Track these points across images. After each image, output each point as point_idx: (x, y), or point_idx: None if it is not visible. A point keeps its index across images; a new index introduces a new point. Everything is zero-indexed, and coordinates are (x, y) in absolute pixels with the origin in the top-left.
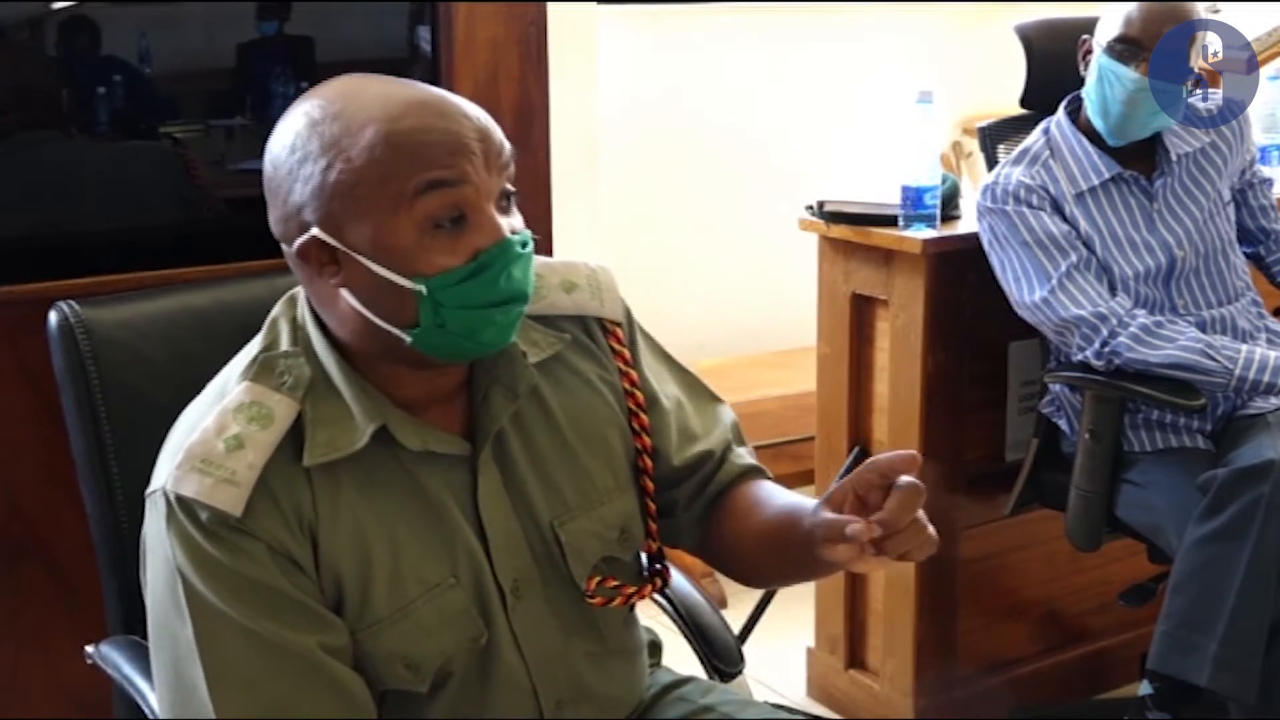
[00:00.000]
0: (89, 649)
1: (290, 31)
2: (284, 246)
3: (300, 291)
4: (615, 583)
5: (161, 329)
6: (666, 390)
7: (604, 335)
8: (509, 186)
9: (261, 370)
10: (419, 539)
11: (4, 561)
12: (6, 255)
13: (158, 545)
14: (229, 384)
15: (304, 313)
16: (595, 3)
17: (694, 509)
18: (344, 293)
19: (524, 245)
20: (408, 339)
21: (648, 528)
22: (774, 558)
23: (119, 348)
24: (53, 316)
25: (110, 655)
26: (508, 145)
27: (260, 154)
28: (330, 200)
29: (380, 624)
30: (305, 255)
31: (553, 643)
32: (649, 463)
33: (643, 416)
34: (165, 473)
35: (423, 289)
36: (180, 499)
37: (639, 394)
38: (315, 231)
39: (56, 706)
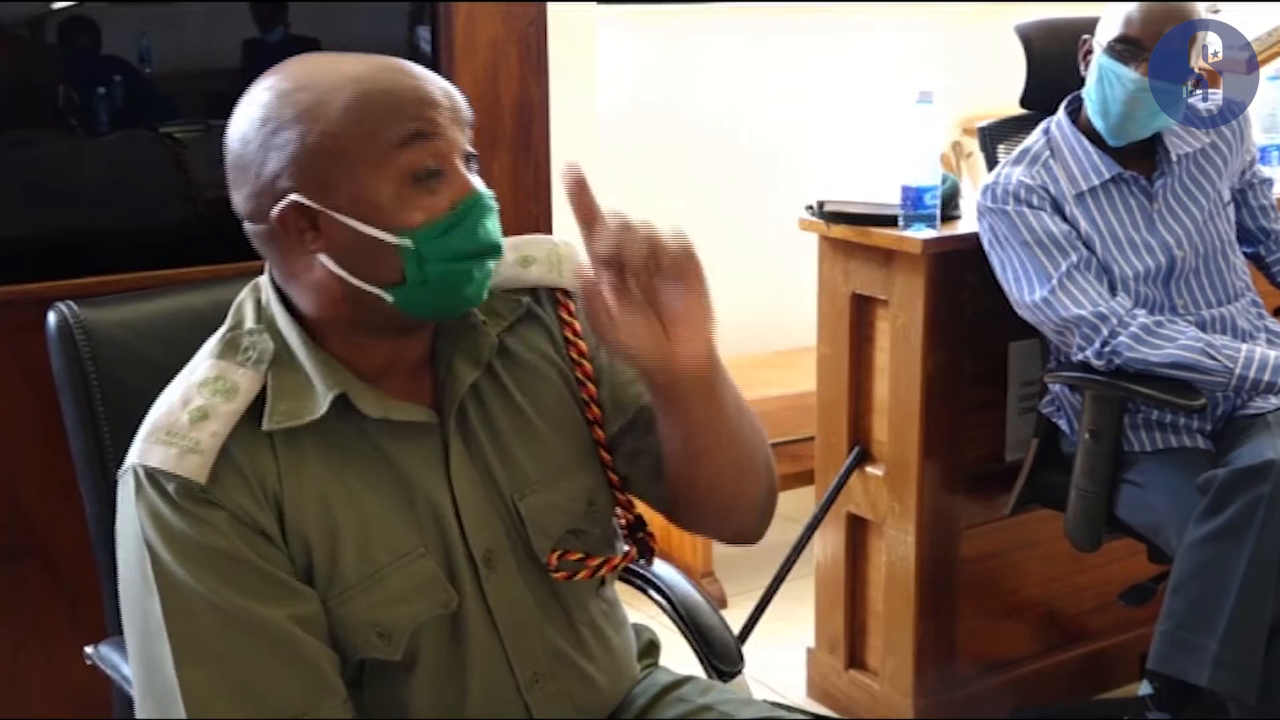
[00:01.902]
0: (89, 649)
1: (291, 32)
2: (251, 225)
3: (263, 279)
4: (578, 555)
5: (161, 329)
6: None
7: (554, 306)
8: (471, 149)
9: (226, 347)
10: (387, 508)
11: (4, 561)
12: (6, 255)
13: (127, 521)
14: (197, 365)
15: (268, 294)
16: (595, 3)
17: (639, 464)
18: (322, 259)
19: (491, 199)
20: (389, 298)
21: (614, 497)
22: (675, 445)
23: (118, 348)
24: (51, 317)
25: (110, 655)
26: (468, 108)
27: None
28: (310, 163)
29: (350, 590)
30: (284, 223)
31: (526, 615)
32: (601, 434)
33: (590, 387)
34: (134, 449)
35: (408, 242)
36: (146, 470)
37: (587, 364)
38: (295, 196)
39: (56, 706)
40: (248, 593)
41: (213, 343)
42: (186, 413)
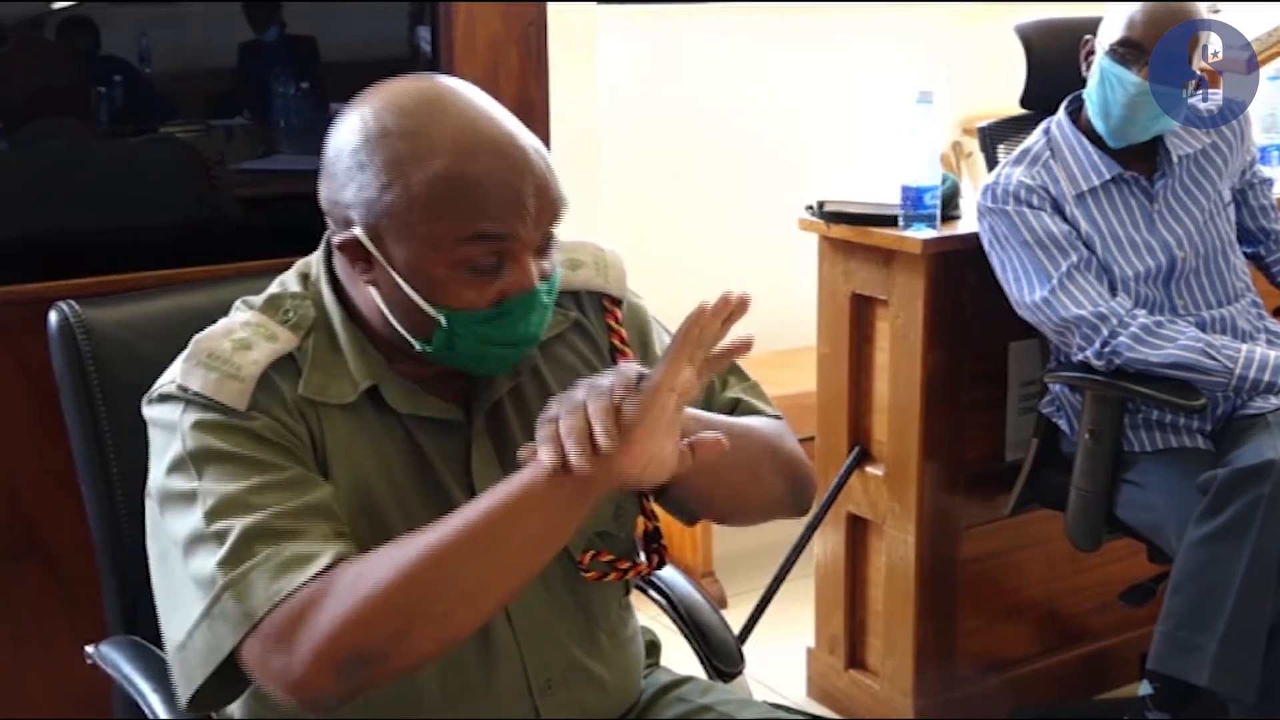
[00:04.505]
0: (89, 649)
1: (291, 31)
2: (328, 218)
3: (315, 256)
4: (609, 557)
5: (161, 329)
6: None
7: (602, 313)
8: (554, 232)
9: (268, 304)
10: (412, 488)
11: (4, 561)
12: (6, 255)
13: (162, 437)
14: (237, 314)
15: (319, 270)
16: (595, 3)
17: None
18: (371, 290)
19: (549, 293)
20: (417, 346)
21: (642, 505)
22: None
23: (119, 347)
24: (53, 316)
25: (110, 655)
26: (563, 198)
27: (262, 154)
28: (379, 215)
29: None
30: (344, 248)
31: (545, 620)
32: None
33: None
34: (173, 370)
35: (443, 320)
36: (185, 390)
37: None
38: (358, 233)
39: (56, 706)
40: (279, 487)
41: (253, 298)
42: (229, 340)
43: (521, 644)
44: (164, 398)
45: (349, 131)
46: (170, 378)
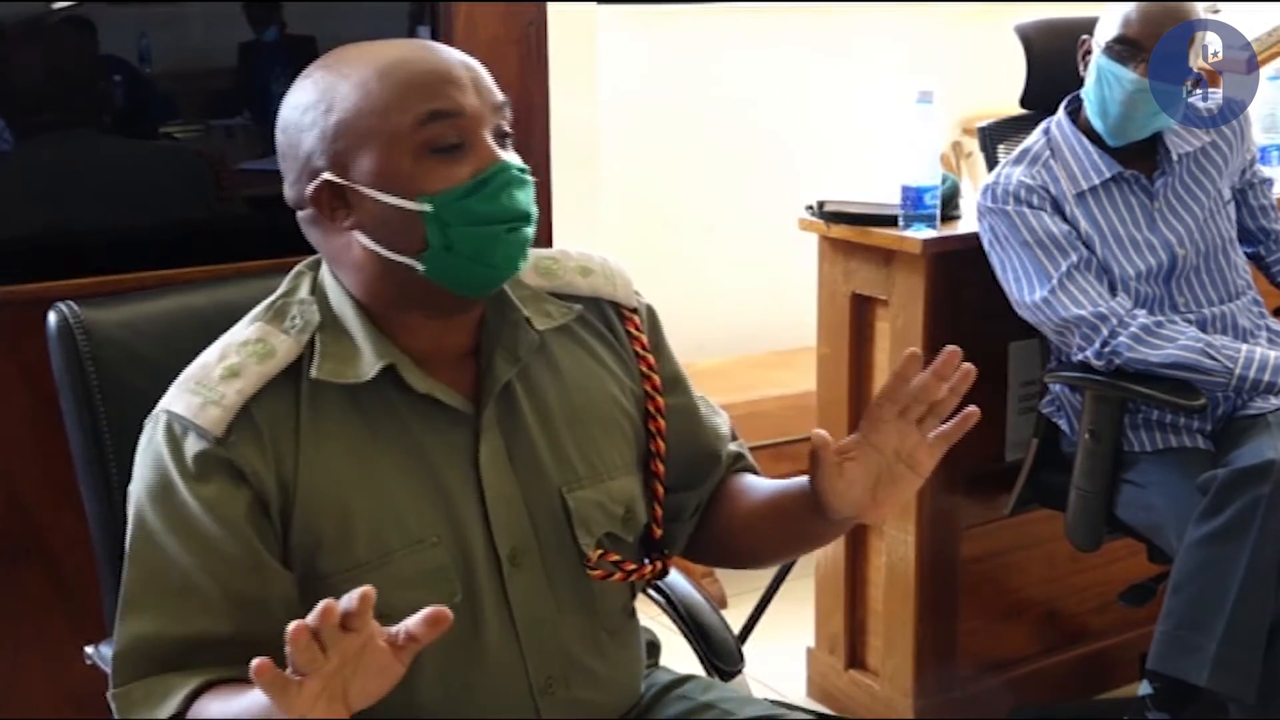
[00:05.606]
0: (89, 649)
1: (291, 31)
2: (300, 213)
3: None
4: (617, 558)
5: (161, 329)
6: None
7: (621, 321)
8: (505, 127)
9: (274, 315)
10: (407, 493)
11: (4, 561)
12: (6, 255)
13: (141, 460)
14: (242, 326)
15: (324, 271)
16: (595, 3)
17: (699, 513)
18: (356, 235)
19: (523, 172)
20: (420, 267)
21: (653, 512)
22: (772, 528)
23: (118, 348)
24: (52, 317)
25: (110, 655)
26: (498, 91)
27: (261, 154)
28: (334, 140)
29: (361, 569)
30: (318, 202)
31: (546, 616)
32: (661, 446)
33: (659, 400)
34: (166, 395)
35: (428, 207)
36: (169, 414)
37: (656, 378)
38: (325, 175)
39: (56, 706)
40: (227, 563)
41: (261, 307)
42: (220, 368)
43: (522, 641)
44: (149, 421)
45: (285, 109)
46: (161, 404)
